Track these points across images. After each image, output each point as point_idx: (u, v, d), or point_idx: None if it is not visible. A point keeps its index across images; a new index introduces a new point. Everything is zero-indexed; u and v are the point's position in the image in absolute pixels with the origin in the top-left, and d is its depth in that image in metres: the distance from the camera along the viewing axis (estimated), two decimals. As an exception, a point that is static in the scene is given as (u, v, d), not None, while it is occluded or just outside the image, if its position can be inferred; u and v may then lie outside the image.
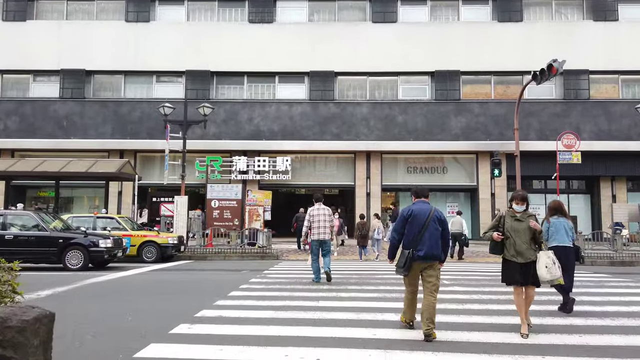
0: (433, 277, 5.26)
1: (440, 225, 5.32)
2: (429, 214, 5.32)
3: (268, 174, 21.77)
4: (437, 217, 5.34)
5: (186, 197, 16.19)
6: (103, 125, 22.22)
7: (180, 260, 14.82)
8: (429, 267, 5.28)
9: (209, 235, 16.22)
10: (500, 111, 22.08)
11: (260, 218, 16.19)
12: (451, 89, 22.27)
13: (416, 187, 5.74)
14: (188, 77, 22.46)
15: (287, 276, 10.40)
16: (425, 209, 5.39)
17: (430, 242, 5.22)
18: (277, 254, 15.64)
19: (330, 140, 21.95)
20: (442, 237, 5.32)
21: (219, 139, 22.03)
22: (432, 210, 5.36)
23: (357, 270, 11.69)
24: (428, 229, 5.24)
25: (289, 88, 22.81)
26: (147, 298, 7.78)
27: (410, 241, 5.26)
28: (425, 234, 5.22)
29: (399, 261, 5.34)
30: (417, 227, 5.26)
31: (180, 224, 15.98)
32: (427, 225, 5.24)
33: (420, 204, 5.49)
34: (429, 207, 5.41)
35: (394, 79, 22.73)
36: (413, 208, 5.45)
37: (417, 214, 5.34)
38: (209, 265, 13.15)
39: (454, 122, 22.07)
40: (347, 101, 22.45)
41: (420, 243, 5.20)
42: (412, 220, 5.33)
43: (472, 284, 9.31)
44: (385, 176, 22.37)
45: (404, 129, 22.08)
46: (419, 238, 5.21)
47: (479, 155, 22.16)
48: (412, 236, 5.26)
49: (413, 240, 5.24)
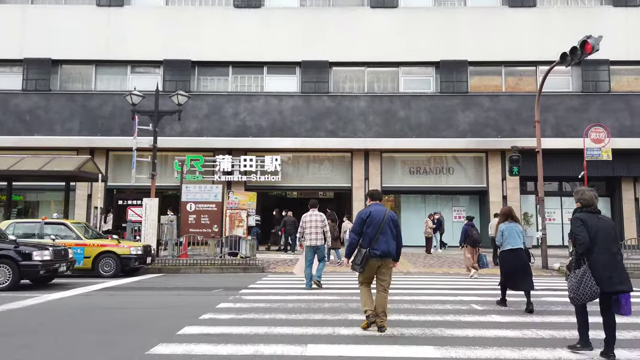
0: (387, 275, 5.73)
1: (394, 226, 5.72)
2: (384, 215, 5.69)
3: (255, 174, 19.55)
4: (391, 218, 5.73)
5: (156, 199, 13.93)
6: (71, 121, 19.93)
7: (148, 273, 12.55)
8: (384, 265, 5.69)
9: (183, 244, 13.95)
10: (512, 105, 19.98)
11: (243, 224, 13.96)
12: (458, 81, 20.15)
13: (372, 191, 6.22)
14: (166, 68, 20.23)
15: (268, 298, 8.16)
16: (381, 211, 5.76)
17: (386, 242, 5.61)
18: (262, 266, 13.41)
19: (324, 137, 19.77)
20: (396, 238, 5.72)
21: (201, 136, 19.80)
22: (386, 212, 5.75)
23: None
24: (383, 230, 5.63)
25: (278, 80, 20.61)
26: (61, 338, 5.51)
27: (367, 241, 5.62)
28: (381, 234, 5.61)
29: (356, 258, 5.68)
30: (374, 228, 5.62)
31: (149, 230, 13.71)
32: (383, 226, 5.63)
33: (376, 206, 5.84)
34: (384, 210, 5.79)
35: (394, 70, 20.59)
36: (371, 210, 5.77)
37: (374, 216, 5.69)
38: (178, 281, 10.87)
39: (461, 117, 19.94)
40: (343, 94, 20.28)
41: (376, 242, 5.57)
42: (369, 222, 5.67)
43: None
44: (385, 177, 20.19)
45: (405, 125, 19.93)
46: (376, 238, 5.58)
47: (489, 154, 20.03)
48: (369, 236, 5.61)
49: (370, 239, 5.60)
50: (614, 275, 4.56)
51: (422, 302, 7.78)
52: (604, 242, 4.66)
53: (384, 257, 5.64)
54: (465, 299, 8.11)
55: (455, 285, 10.00)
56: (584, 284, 4.54)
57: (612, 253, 4.66)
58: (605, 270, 4.55)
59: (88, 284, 10.07)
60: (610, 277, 4.54)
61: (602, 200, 20.76)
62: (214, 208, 14.31)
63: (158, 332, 5.58)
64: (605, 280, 4.53)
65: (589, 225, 4.70)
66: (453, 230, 20.09)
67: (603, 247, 4.64)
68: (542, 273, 12.57)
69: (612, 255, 4.63)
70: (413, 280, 11.05)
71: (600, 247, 4.64)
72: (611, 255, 4.63)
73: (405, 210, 20.88)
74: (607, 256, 4.61)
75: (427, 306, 7.39)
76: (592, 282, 4.53)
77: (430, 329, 5.78)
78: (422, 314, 6.69)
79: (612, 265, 4.59)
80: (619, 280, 4.56)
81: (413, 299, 8.02)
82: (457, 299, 8.12)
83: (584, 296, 4.57)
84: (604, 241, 4.66)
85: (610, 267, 4.57)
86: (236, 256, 13.94)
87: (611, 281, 4.53)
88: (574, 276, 4.68)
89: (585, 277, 4.56)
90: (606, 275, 4.54)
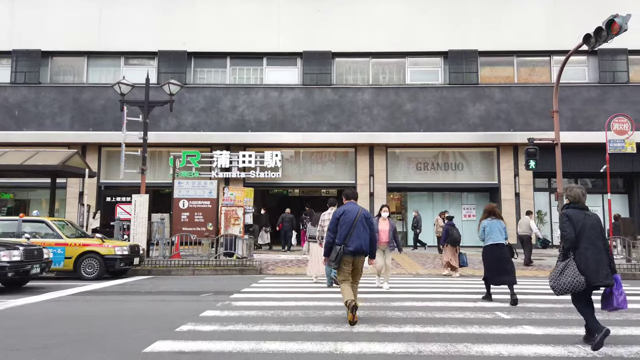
0: (359, 270, 5.98)
1: (367, 224, 5.89)
2: (357, 213, 5.87)
3: (255, 171, 18.58)
4: (364, 216, 5.90)
5: (147, 196, 12.97)
6: (61, 115, 19.02)
7: (137, 275, 11.62)
8: (357, 261, 5.91)
9: (175, 244, 12.98)
10: (525, 97, 18.93)
11: (239, 222, 12.96)
12: (467, 72, 19.11)
13: (346, 190, 6.29)
14: (161, 59, 19.29)
15: (262, 304, 7.17)
16: (354, 209, 5.94)
17: (359, 239, 5.80)
18: (260, 267, 12.46)
19: (327, 131, 18.78)
20: (370, 236, 5.90)
21: (197, 130, 18.86)
22: (360, 211, 5.93)
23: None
24: (357, 227, 5.82)
25: (278, 71, 19.63)
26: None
27: (341, 238, 5.81)
28: (355, 231, 5.80)
29: (332, 255, 5.83)
30: (347, 226, 5.81)
31: (139, 229, 12.75)
32: (356, 224, 5.82)
33: (350, 205, 6.03)
34: (357, 208, 5.97)
35: (400, 61, 19.57)
36: (344, 209, 5.94)
37: (347, 214, 5.87)
38: (167, 284, 9.91)
39: (470, 110, 18.90)
40: (346, 86, 19.28)
41: (350, 239, 5.78)
42: (342, 220, 5.86)
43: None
44: (391, 174, 19.18)
45: (412, 118, 18.90)
46: (349, 235, 5.78)
47: (501, 149, 18.98)
48: (343, 234, 5.81)
49: (343, 237, 5.80)
50: (600, 268, 4.65)
51: (438, 309, 6.77)
52: (589, 237, 4.75)
53: (357, 254, 5.85)
54: (486, 305, 7.10)
55: (470, 289, 8.99)
56: (565, 275, 4.66)
57: (598, 248, 4.74)
58: (592, 264, 4.66)
59: (65, 288, 9.11)
60: (596, 271, 4.64)
61: (619, 197, 19.68)
62: (209, 205, 13.34)
63: (119, 351, 4.58)
64: (592, 272, 4.64)
65: (574, 221, 4.82)
66: (462, 230, 18.99)
67: (589, 242, 4.74)
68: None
69: (598, 250, 4.72)
70: (424, 283, 10.05)
71: (586, 242, 4.74)
72: (597, 250, 4.72)
73: (413, 209, 19.82)
74: (593, 251, 4.71)
75: (445, 314, 6.39)
76: (575, 273, 4.63)
77: (454, 345, 4.78)
78: (441, 325, 5.69)
79: (598, 260, 4.68)
80: (605, 274, 4.67)
81: (427, 306, 7.02)
82: (477, 305, 7.12)
83: (564, 285, 4.66)
84: (590, 237, 4.76)
85: (596, 261, 4.67)
86: (232, 257, 12.97)
87: (598, 275, 4.64)
88: (556, 267, 4.82)
89: (568, 268, 4.69)
90: (592, 268, 4.64)
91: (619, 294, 4.72)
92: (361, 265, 5.98)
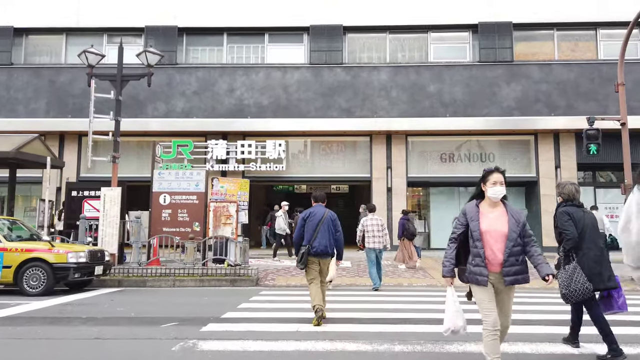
0: (325, 271, 6.13)
1: (333, 226, 6.08)
2: (323, 215, 6.05)
3: (255, 163, 16.17)
4: (330, 218, 6.08)
5: (119, 189, 10.63)
6: (36, 100, 16.76)
7: (104, 287, 9.33)
8: (323, 262, 6.07)
9: (153, 248, 10.61)
10: (569, 76, 16.30)
11: (231, 220, 10.57)
12: (500, 48, 16.52)
13: (314, 193, 6.39)
14: (149, 36, 16.94)
15: (243, 347, 4.73)
16: (320, 211, 6.12)
17: (324, 240, 5.94)
18: (256, 277, 10.09)
19: (337, 117, 16.32)
20: (335, 236, 6.06)
21: (189, 117, 16.49)
22: (326, 213, 6.10)
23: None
24: (322, 229, 5.95)
25: (282, 49, 17.19)
26: None
27: (307, 240, 5.96)
28: (320, 233, 5.94)
29: (298, 257, 5.99)
30: (312, 228, 5.96)
31: (108, 230, 10.40)
32: (321, 225, 5.95)
33: (317, 207, 6.19)
34: (323, 210, 6.14)
35: (423, 36, 17.04)
36: (311, 211, 6.15)
37: (312, 216, 6.04)
38: (130, 303, 7.54)
39: (504, 91, 16.32)
40: (360, 65, 16.79)
41: (314, 241, 5.93)
42: (308, 222, 6.01)
43: None
44: (411, 166, 16.67)
45: (437, 101, 16.37)
46: (314, 237, 5.93)
47: (539, 136, 16.39)
48: (308, 236, 5.96)
49: (309, 239, 5.94)
50: (603, 271, 4.41)
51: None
52: (591, 236, 4.51)
53: (323, 255, 5.96)
54: (559, 331, 4.65)
55: (534, 305, 6.48)
56: (575, 280, 4.34)
57: (600, 248, 4.50)
58: (595, 266, 4.41)
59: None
60: (600, 273, 4.40)
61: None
62: (195, 201, 10.95)
63: None
64: (596, 276, 4.38)
65: (576, 220, 4.55)
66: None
67: (591, 242, 4.50)
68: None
69: (600, 250, 4.49)
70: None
71: (589, 242, 4.49)
72: (599, 250, 4.49)
73: (437, 206, 17.31)
74: (596, 251, 4.47)
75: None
76: (583, 278, 4.33)
77: None
78: None
79: (600, 260, 4.45)
80: (608, 276, 4.41)
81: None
82: (547, 332, 4.69)
83: (576, 293, 4.31)
84: (592, 236, 4.52)
85: (599, 263, 4.43)
86: (222, 263, 10.57)
87: (601, 277, 4.38)
88: (564, 272, 4.45)
89: (576, 273, 4.36)
90: (596, 271, 4.39)
91: (619, 296, 4.44)
92: (327, 267, 6.15)
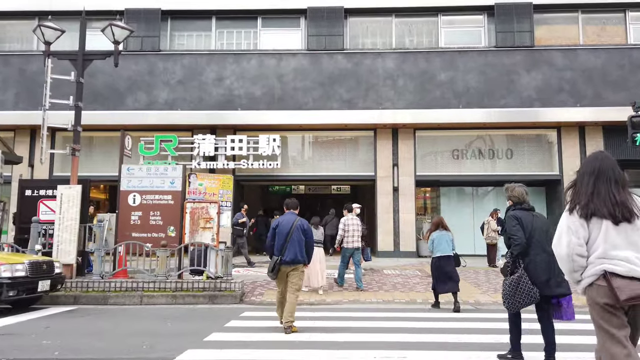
0: (295, 278, 6.00)
1: (303, 234, 6.04)
2: (292, 223, 6.03)
3: (247, 160, 14.55)
4: (300, 226, 6.04)
5: (78, 187, 8.96)
6: (4, 91, 15.17)
7: (55, 305, 7.71)
8: (293, 270, 6.00)
9: (119, 257, 8.94)
10: (595, 63, 14.64)
11: (212, 224, 8.92)
12: (519, 31, 14.88)
13: (287, 200, 6.45)
14: (129, 20, 15.30)
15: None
16: (290, 219, 6.11)
17: (295, 249, 5.93)
18: (240, 291, 8.47)
19: (338, 109, 14.68)
20: (306, 244, 6.05)
21: (174, 109, 14.87)
22: (296, 220, 6.09)
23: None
24: (292, 237, 5.94)
25: (277, 34, 15.56)
26: None
27: (278, 248, 5.95)
28: (290, 241, 5.93)
29: (269, 266, 5.99)
30: (282, 237, 5.95)
31: (64, 235, 8.74)
32: (292, 233, 5.95)
33: (286, 216, 6.21)
34: (294, 218, 6.14)
35: (432, 19, 15.40)
36: (280, 220, 6.17)
37: (282, 226, 6.03)
38: (67, 332, 5.90)
39: (524, 79, 14.66)
40: (363, 51, 15.15)
41: (286, 250, 5.90)
42: (278, 231, 6.01)
43: None
44: (420, 163, 15.03)
45: (448, 91, 14.72)
46: (285, 245, 5.91)
47: (563, 130, 14.74)
48: (279, 245, 5.96)
49: (280, 248, 5.94)
50: (551, 277, 4.29)
51: None
52: (540, 241, 4.36)
53: (293, 264, 5.94)
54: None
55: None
56: (520, 290, 4.25)
57: (549, 253, 4.12)
58: (543, 273, 4.30)
59: None
60: (548, 280, 4.29)
61: None
62: (170, 201, 9.30)
63: None
64: (544, 282, 4.28)
65: (524, 224, 4.41)
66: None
67: (539, 247, 4.35)
68: None
69: (549, 256, 4.18)
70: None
71: (537, 247, 4.36)
72: (548, 255, 4.23)
73: (448, 208, 15.64)
74: (544, 257, 4.32)
75: None
76: (529, 286, 4.23)
77: None
78: None
79: (549, 266, 4.28)
80: (557, 282, 4.29)
81: None
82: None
83: (521, 302, 4.25)
84: (540, 241, 4.37)
85: (547, 269, 4.29)
86: (201, 275, 8.90)
87: (549, 284, 4.29)
88: (508, 282, 4.34)
89: (522, 282, 4.26)
90: (544, 277, 4.28)
91: (567, 305, 4.31)
92: (300, 274, 6.08)
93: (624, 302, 2.55)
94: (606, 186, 2.77)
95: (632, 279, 2.57)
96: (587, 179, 2.82)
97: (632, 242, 2.66)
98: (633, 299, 2.54)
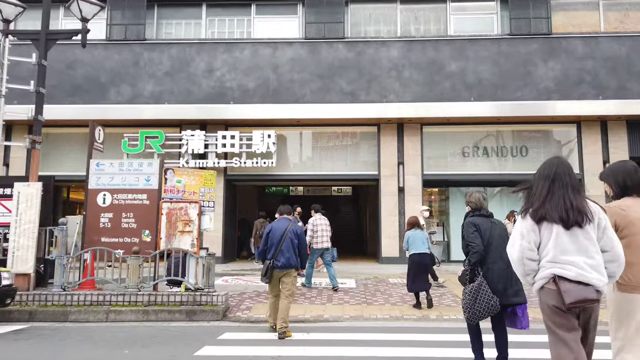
0: (288, 284, 6.03)
1: (296, 238, 6.09)
2: (285, 229, 6.08)
3: (239, 158, 13.40)
4: (293, 231, 6.10)
5: (38, 184, 7.80)
6: (-22, 84, 14.00)
7: (7, 323, 6.53)
8: (286, 274, 6.04)
9: (85, 265, 7.77)
10: (619, 52, 13.45)
11: (191, 227, 7.74)
12: (535, 18, 13.71)
13: (280, 207, 6.57)
14: (113, 7, 14.18)
15: None
16: (283, 225, 6.15)
17: (287, 253, 5.97)
18: (224, 305, 7.31)
19: (338, 102, 13.51)
20: (299, 249, 6.10)
21: (160, 103, 13.71)
22: (289, 226, 6.13)
23: None
24: (285, 242, 5.98)
25: (272, 21, 14.40)
26: None
27: (271, 253, 6.01)
28: (283, 246, 5.96)
29: (262, 271, 6.05)
30: (276, 241, 6.01)
31: (22, 241, 7.57)
32: (284, 238, 6.00)
33: (280, 222, 6.24)
34: (287, 223, 6.18)
35: (441, 5, 14.24)
36: (273, 225, 6.22)
37: (274, 231, 6.09)
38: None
39: (541, 70, 13.48)
40: (365, 40, 13.98)
41: (279, 254, 5.95)
42: (271, 235, 6.07)
43: None
44: (427, 161, 13.83)
45: (459, 83, 13.54)
46: (277, 251, 5.96)
47: (583, 125, 13.54)
48: (272, 249, 6.01)
49: (272, 253, 5.99)
50: (508, 286, 4.23)
51: None
52: (497, 249, 4.26)
53: (286, 268, 5.98)
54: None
55: None
56: (480, 299, 4.13)
57: (506, 262, 3.94)
58: (499, 281, 4.23)
59: None
60: (505, 289, 4.22)
61: None
62: (145, 201, 8.14)
63: None
64: (500, 291, 4.21)
65: (482, 231, 4.35)
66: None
67: (497, 254, 4.26)
68: None
69: (506, 264, 3.95)
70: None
71: (494, 255, 4.28)
72: (505, 264, 4.09)
73: (457, 211, 14.39)
74: (501, 264, 4.23)
75: None
76: (489, 294, 4.15)
77: None
78: None
79: (506, 275, 4.22)
80: (514, 291, 4.24)
81: None
82: None
83: (481, 312, 4.16)
84: (498, 248, 4.26)
85: (504, 277, 4.24)
86: (179, 286, 7.72)
87: (506, 293, 4.22)
88: (468, 292, 4.24)
89: (481, 290, 4.17)
90: (500, 286, 4.22)
91: (522, 314, 4.24)
92: (293, 279, 6.06)
93: (570, 306, 2.58)
94: (562, 191, 2.78)
95: (580, 284, 2.60)
96: (542, 183, 2.85)
97: (582, 247, 2.66)
98: (579, 302, 2.57)
